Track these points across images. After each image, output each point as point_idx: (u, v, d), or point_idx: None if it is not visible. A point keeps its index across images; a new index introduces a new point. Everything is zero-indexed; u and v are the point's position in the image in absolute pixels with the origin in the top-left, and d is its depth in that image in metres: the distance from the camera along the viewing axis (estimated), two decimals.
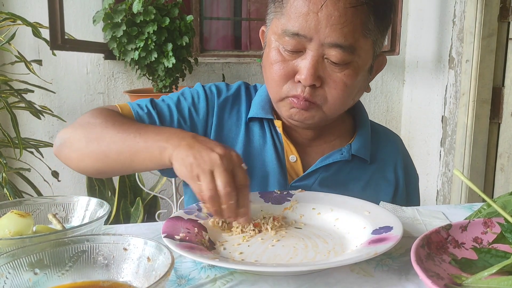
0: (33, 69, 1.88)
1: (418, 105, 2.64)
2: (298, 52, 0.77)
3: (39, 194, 1.86)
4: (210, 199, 0.62)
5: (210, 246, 0.63)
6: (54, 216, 0.65)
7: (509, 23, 2.06)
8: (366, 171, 0.91)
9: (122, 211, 2.04)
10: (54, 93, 2.21)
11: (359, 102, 0.95)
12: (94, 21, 2.01)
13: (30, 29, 1.74)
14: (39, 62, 1.98)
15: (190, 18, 2.09)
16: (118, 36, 1.96)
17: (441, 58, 2.37)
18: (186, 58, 2.11)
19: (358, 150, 0.89)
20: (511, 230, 0.53)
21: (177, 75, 2.09)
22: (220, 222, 0.70)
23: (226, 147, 0.66)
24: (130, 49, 1.99)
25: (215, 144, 0.67)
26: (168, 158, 0.68)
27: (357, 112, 0.96)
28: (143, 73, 2.07)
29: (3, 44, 1.82)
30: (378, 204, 0.87)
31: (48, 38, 1.76)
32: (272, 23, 0.81)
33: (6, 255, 0.45)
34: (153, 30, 1.95)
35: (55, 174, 1.94)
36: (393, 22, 2.34)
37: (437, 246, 0.55)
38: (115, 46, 2.00)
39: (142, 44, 1.96)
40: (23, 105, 1.84)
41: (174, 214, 0.69)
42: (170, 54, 1.99)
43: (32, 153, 1.92)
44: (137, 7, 1.92)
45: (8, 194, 1.63)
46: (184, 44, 2.04)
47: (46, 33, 1.78)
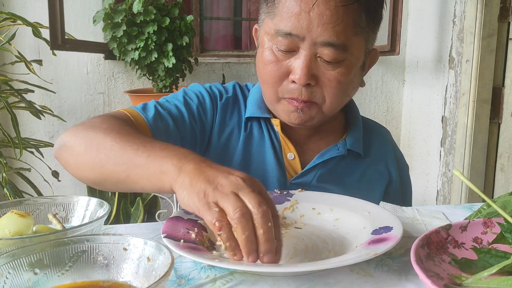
0: (33, 69, 1.88)
1: (418, 105, 2.64)
2: (291, 51, 0.77)
3: (39, 194, 1.86)
4: (241, 220, 0.49)
5: (210, 246, 0.63)
6: (54, 216, 0.65)
7: (509, 23, 2.06)
8: (360, 165, 0.93)
9: (122, 211, 2.04)
10: (54, 93, 2.21)
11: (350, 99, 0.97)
12: (94, 21, 2.01)
13: (30, 29, 1.74)
14: (39, 62, 1.98)
15: (190, 18, 2.09)
16: (118, 36, 1.96)
17: (441, 58, 2.37)
18: (186, 58, 2.12)
19: (353, 145, 0.91)
20: (511, 230, 0.53)
21: (177, 75, 2.09)
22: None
23: (244, 173, 0.57)
24: (130, 49, 2.00)
25: (231, 169, 0.57)
26: (168, 184, 0.59)
27: (348, 108, 0.96)
28: (143, 73, 2.07)
29: (3, 44, 1.82)
30: (375, 197, 0.91)
31: (48, 38, 1.77)
32: (264, 23, 0.81)
33: (6, 255, 0.45)
34: (153, 30, 1.95)
35: (55, 174, 1.94)
36: (393, 22, 2.35)
37: (437, 246, 0.55)
38: (115, 46, 2.00)
39: (142, 44, 1.96)
40: (23, 105, 1.85)
41: (174, 214, 0.68)
42: (170, 54, 1.99)
43: (32, 153, 1.92)
44: (137, 7, 1.92)
45: (8, 194, 1.64)
46: (184, 44, 2.04)
47: (46, 33, 1.79)
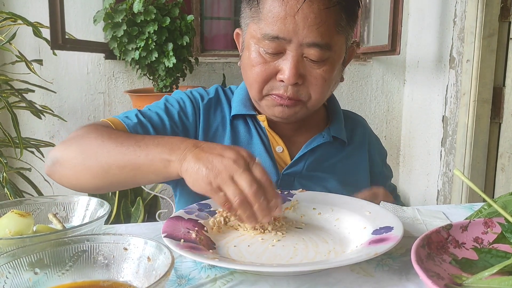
0: (33, 68, 1.88)
1: (418, 105, 2.63)
2: (278, 53, 0.81)
3: (40, 193, 1.86)
4: (240, 205, 0.61)
5: (210, 246, 0.63)
6: (55, 215, 0.65)
7: (509, 23, 2.06)
8: (345, 152, 0.99)
9: (123, 211, 2.05)
10: (55, 92, 2.21)
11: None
12: (94, 20, 2.01)
13: (30, 29, 1.74)
14: (40, 62, 1.99)
15: (190, 18, 2.09)
16: (119, 35, 1.96)
17: (441, 58, 2.37)
18: (187, 58, 2.11)
19: (337, 132, 0.96)
20: None
21: (177, 75, 2.09)
22: (221, 221, 0.70)
23: (233, 148, 0.66)
24: (130, 48, 2.00)
25: (221, 148, 0.66)
26: (175, 172, 0.67)
27: (328, 101, 1.02)
28: (144, 72, 2.07)
29: (4, 43, 1.82)
30: (363, 180, 1.00)
31: (48, 37, 1.77)
32: (249, 27, 0.84)
33: (6, 255, 0.45)
34: (153, 30, 1.95)
35: None
36: (393, 22, 2.35)
37: (437, 246, 0.55)
38: (116, 45, 2.00)
39: (142, 44, 1.96)
40: (24, 104, 1.85)
41: (174, 214, 0.69)
42: (171, 54, 1.99)
43: (32, 152, 1.92)
44: (137, 7, 1.92)
45: (8, 193, 1.64)
46: (184, 44, 2.04)
47: (46, 32, 1.79)
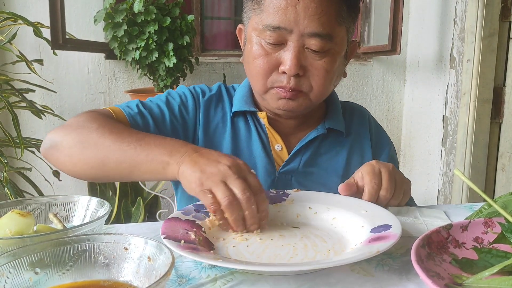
0: (34, 68, 1.88)
1: (419, 104, 2.63)
2: (280, 44, 0.81)
3: (40, 193, 1.86)
4: (228, 207, 0.62)
5: (210, 247, 0.63)
6: (55, 215, 0.65)
7: (510, 23, 2.06)
8: (345, 144, 0.96)
9: (123, 211, 2.05)
10: (55, 92, 2.21)
11: None
12: (95, 20, 2.01)
13: (31, 28, 1.74)
14: (40, 61, 1.99)
15: (191, 17, 2.09)
16: (119, 35, 1.96)
17: (442, 57, 2.37)
18: (187, 58, 2.11)
19: (333, 124, 0.94)
20: None
21: (178, 75, 2.09)
22: (217, 221, 0.70)
23: (230, 156, 0.67)
24: (131, 48, 2.00)
25: (219, 155, 0.67)
26: (172, 174, 0.68)
27: (328, 96, 1.00)
28: (144, 72, 2.07)
29: (4, 43, 1.82)
30: None
31: (49, 37, 1.77)
32: (250, 20, 0.85)
33: (6, 255, 0.45)
34: (154, 30, 1.95)
35: (56, 174, 1.94)
36: (394, 21, 2.35)
37: (437, 246, 0.55)
38: (116, 45, 2.00)
39: (143, 43, 1.96)
40: (24, 104, 1.85)
41: (171, 215, 0.68)
42: (171, 53, 1.99)
43: (33, 152, 1.92)
44: (138, 7, 1.92)
45: (9, 193, 1.64)
46: (185, 43, 2.04)
47: (47, 32, 1.79)
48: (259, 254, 0.61)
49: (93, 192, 2.09)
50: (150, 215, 2.17)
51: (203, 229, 0.67)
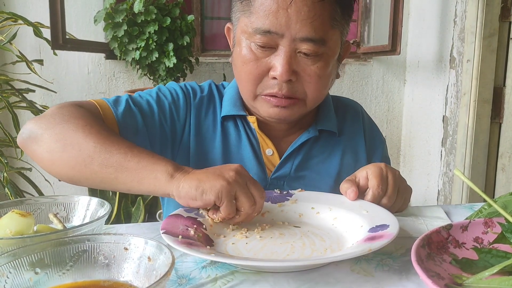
0: (34, 68, 1.88)
1: (419, 105, 2.63)
2: (270, 48, 0.77)
3: (40, 193, 1.86)
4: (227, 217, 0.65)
5: (209, 243, 0.63)
6: (55, 215, 0.65)
7: (510, 23, 2.06)
8: (338, 145, 0.93)
9: (123, 211, 2.05)
10: (55, 92, 2.21)
11: None
12: (95, 20, 2.01)
13: (31, 29, 1.74)
14: (40, 61, 1.99)
15: (191, 18, 2.09)
16: (119, 35, 1.96)
17: (442, 58, 2.37)
18: (187, 58, 2.12)
19: (324, 125, 0.91)
20: None
21: (178, 75, 2.09)
22: (218, 218, 0.70)
23: (224, 178, 0.64)
24: (131, 48, 2.00)
25: (220, 168, 0.66)
26: (163, 189, 0.65)
27: None
28: (144, 72, 2.07)
29: (5, 43, 1.82)
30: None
31: (49, 38, 1.77)
32: (239, 22, 0.81)
33: (7, 255, 0.45)
34: (154, 30, 1.95)
35: None
36: (394, 21, 2.35)
37: (437, 246, 0.55)
38: (116, 45, 2.00)
39: (143, 43, 1.96)
40: (25, 104, 1.85)
41: (174, 212, 0.69)
42: (171, 54, 1.99)
43: None
44: (138, 7, 1.92)
45: (9, 193, 1.64)
46: (185, 43, 2.05)
47: (47, 33, 1.79)
48: (257, 251, 0.61)
49: (93, 192, 2.09)
50: (150, 215, 2.17)
51: (204, 226, 0.67)
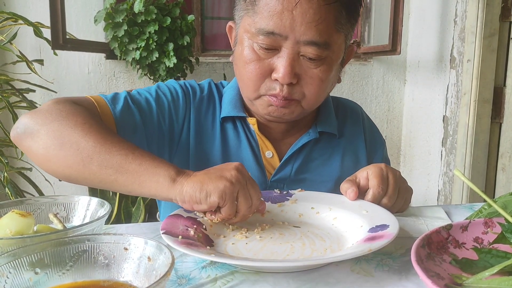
0: (34, 68, 1.89)
1: (419, 104, 2.63)
2: (273, 50, 0.76)
3: (41, 193, 1.86)
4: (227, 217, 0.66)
5: (208, 243, 0.63)
6: (55, 215, 0.65)
7: (510, 23, 2.06)
8: (338, 146, 0.92)
9: (123, 211, 2.05)
10: (56, 92, 2.21)
11: None
12: (95, 20, 2.01)
13: (31, 29, 1.74)
14: (41, 61, 1.99)
15: (191, 17, 2.09)
16: (120, 35, 1.96)
17: (442, 57, 2.37)
18: (187, 58, 2.12)
19: (324, 127, 0.90)
20: None
21: (178, 75, 2.09)
22: (217, 219, 0.70)
23: (232, 168, 0.65)
24: (131, 48, 2.00)
25: (220, 169, 0.66)
26: (164, 193, 0.64)
27: None
28: (144, 72, 2.07)
29: (5, 43, 1.82)
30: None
31: (49, 37, 1.77)
32: (242, 21, 0.79)
33: (7, 255, 0.45)
34: (154, 30, 1.95)
35: None
36: (394, 21, 2.35)
37: (437, 246, 0.55)
38: (117, 45, 2.00)
39: (143, 43, 1.96)
40: (25, 104, 1.85)
41: (174, 212, 0.69)
42: (171, 53, 1.99)
43: None
44: (138, 7, 1.92)
45: (9, 193, 1.64)
46: (185, 43, 2.05)
47: (47, 32, 1.79)
48: (256, 251, 0.61)
49: (93, 192, 2.09)
50: (150, 216, 2.17)
51: (204, 226, 0.67)
